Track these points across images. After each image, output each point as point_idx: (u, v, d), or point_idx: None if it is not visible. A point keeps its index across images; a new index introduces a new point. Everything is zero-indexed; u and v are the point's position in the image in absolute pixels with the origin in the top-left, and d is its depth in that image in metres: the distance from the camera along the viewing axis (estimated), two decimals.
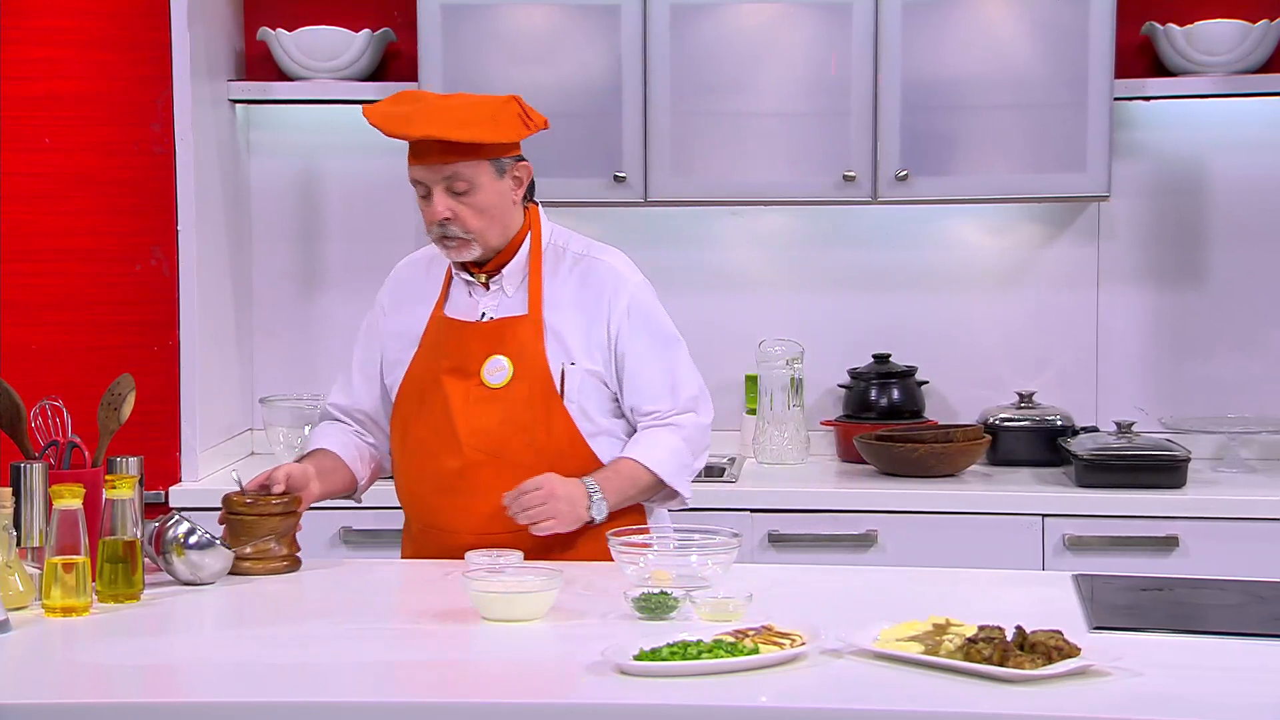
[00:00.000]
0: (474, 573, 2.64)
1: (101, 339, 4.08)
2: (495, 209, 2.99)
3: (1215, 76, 4.17)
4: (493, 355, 3.00)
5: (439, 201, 2.96)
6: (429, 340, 3.06)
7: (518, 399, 2.98)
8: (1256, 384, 4.36)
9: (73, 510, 2.61)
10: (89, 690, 2.33)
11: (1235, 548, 3.79)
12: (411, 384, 3.06)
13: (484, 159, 2.96)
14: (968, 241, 4.44)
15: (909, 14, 4.06)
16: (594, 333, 3.02)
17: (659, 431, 3.04)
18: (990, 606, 2.57)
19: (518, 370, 2.99)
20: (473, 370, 3.00)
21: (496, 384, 2.99)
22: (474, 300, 3.06)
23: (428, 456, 3.02)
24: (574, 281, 3.05)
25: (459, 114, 2.96)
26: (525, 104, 3.03)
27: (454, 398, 2.99)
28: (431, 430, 3.01)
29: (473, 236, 2.98)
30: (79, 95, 4.07)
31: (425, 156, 2.95)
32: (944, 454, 4.05)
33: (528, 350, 3.00)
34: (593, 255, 3.09)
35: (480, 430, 2.98)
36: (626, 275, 3.07)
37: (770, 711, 2.19)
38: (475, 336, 3.02)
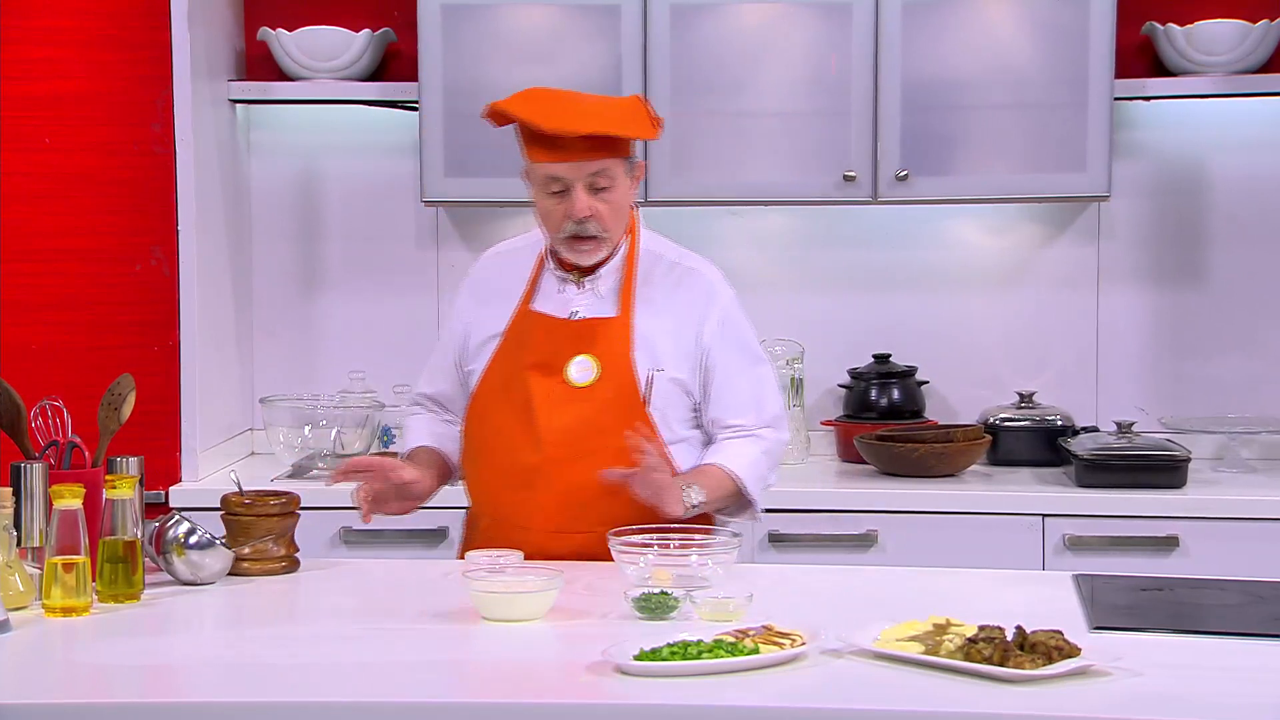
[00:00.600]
0: (474, 572, 2.64)
1: (101, 339, 4.08)
2: (623, 209, 3.01)
3: (1215, 76, 4.17)
4: (579, 355, 2.99)
5: (582, 198, 2.94)
6: (514, 334, 3.04)
7: (602, 400, 2.97)
8: (1257, 384, 4.36)
9: (73, 510, 2.61)
10: (89, 690, 2.33)
11: (1235, 548, 3.79)
12: (493, 377, 3.04)
13: (621, 157, 2.97)
14: (968, 241, 4.44)
15: (909, 14, 4.06)
16: (683, 341, 3.02)
17: (742, 442, 3.03)
18: (990, 606, 2.56)
19: (604, 372, 2.98)
20: (557, 367, 2.99)
21: (581, 383, 2.98)
22: (564, 297, 3.04)
23: (504, 450, 2.99)
24: (667, 288, 3.04)
25: (609, 111, 2.99)
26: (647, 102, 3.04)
27: (536, 393, 2.98)
28: (510, 424, 2.99)
29: (607, 235, 2.99)
30: (79, 95, 4.07)
31: (573, 152, 2.93)
32: (944, 454, 4.05)
33: (615, 352, 2.99)
34: (687, 264, 3.09)
35: (561, 428, 2.96)
36: (720, 288, 3.08)
37: (770, 711, 2.19)
38: (563, 334, 3.00)
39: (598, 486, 2.90)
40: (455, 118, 4.16)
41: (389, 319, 4.51)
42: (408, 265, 4.52)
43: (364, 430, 4.21)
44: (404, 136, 4.40)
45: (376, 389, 4.37)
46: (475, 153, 4.17)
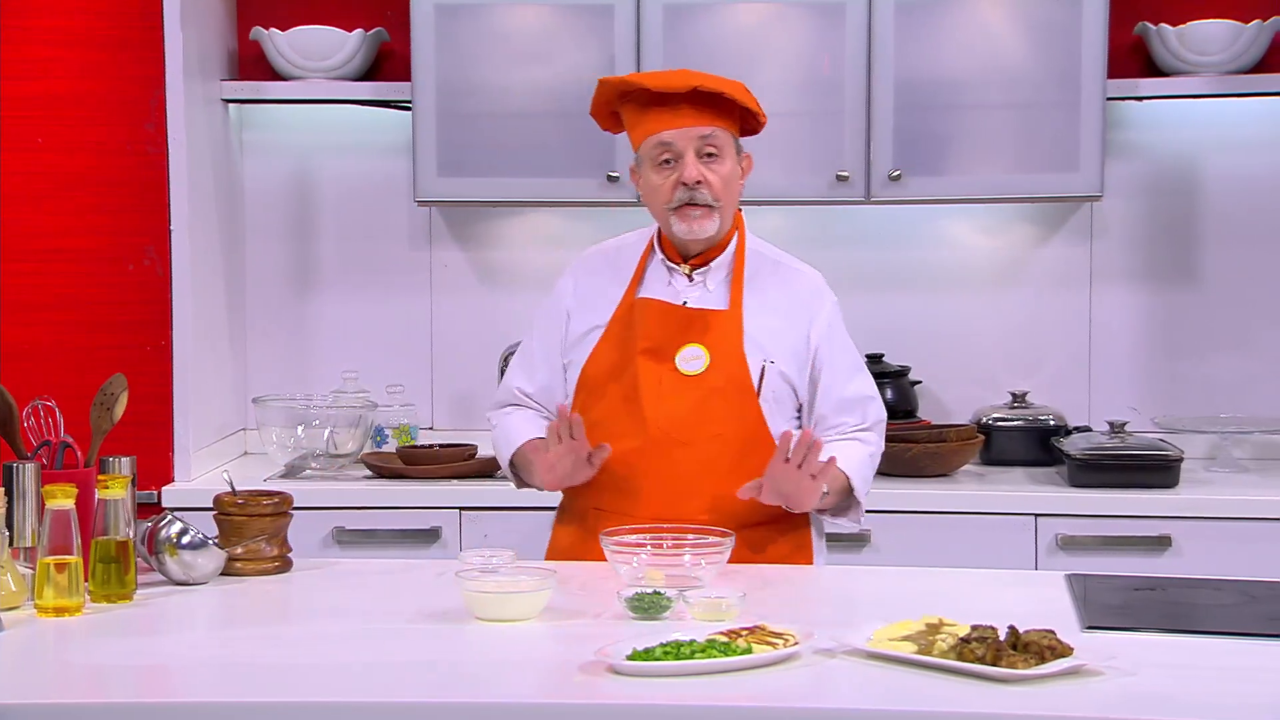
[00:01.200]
0: (467, 572, 2.63)
1: (94, 339, 4.08)
2: (733, 186, 3.01)
3: (1208, 76, 4.17)
4: (689, 343, 2.99)
5: (691, 164, 2.96)
6: (621, 322, 3.03)
7: (712, 389, 2.97)
8: (1249, 384, 4.36)
9: (65, 510, 2.61)
10: (82, 690, 2.32)
11: (1228, 547, 3.79)
12: (599, 363, 3.03)
13: (729, 130, 2.99)
14: (961, 241, 4.44)
15: (902, 14, 4.06)
16: (792, 339, 3.03)
17: (850, 444, 3.03)
18: (983, 606, 2.57)
19: (714, 361, 2.98)
20: (668, 355, 2.99)
21: (690, 371, 2.98)
22: (674, 288, 3.05)
23: (606, 436, 2.97)
24: (774, 288, 3.06)
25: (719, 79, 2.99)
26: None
27: (645, 379, 2.98)
28: (616, 410, 2.99)
29: (718, 205, 2.99)
30: (72, 95, 4.07)
31: (684, 116, 2.95)
32: (937, 454, 4.05)
33: (727, 344, 2.99)
34: (793, 266, 3.12)
35: (668, 415, 2.96)
36: (826, 290, 3.11)
37: (763, 711, 2.19)
38: (675, 321, 3.01)
39: (699, 475, 2.93)
40: (448, 117, 4.16)
41: (382, 319, 4.51)
42: (401, 265, 4.52)
43: (357, 430, 4.21)
44: (397, 136, 4.40)
45: (370, 389, 4.37)
46: (468, 152, 4.17)
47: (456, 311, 4.51)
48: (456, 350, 4.51)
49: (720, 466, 2.96)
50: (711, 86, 2.95)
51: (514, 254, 4.51)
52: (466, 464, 4.12)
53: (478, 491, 4.00)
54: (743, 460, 2.96)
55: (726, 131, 2.99)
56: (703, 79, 2.97)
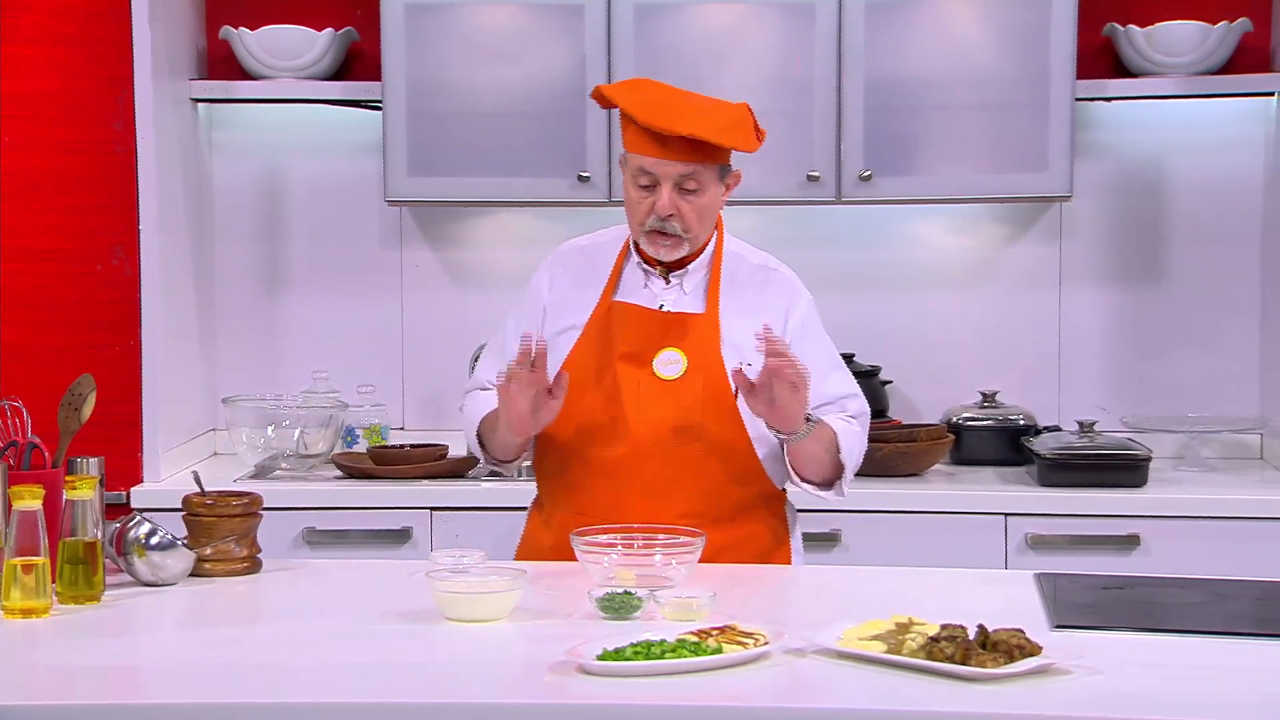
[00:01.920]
0: (437, 572, 2.63)
1: (62, 339, 4.06)
2: (711, 212, 3.00)
3: (1176, 77, 4.19)
4: (667, 347, 2.99)
5: (667, 197, 2.94)
6: (598, 325, 3.02)
7: (691, 394, 2.97)
8: (1217, 383, 4.38)
9: (32, 511, 2.59)
10: (49, 692, 2.31)
11: (1196, 546, 3.81)
12: (576, 366, 3.00)
13: (716, 163, 2.96)
14: (931, 241, 4.45)
15: (872, 14, 4.07)
16: None
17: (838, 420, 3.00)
18: (953, 605, 2.57)
19: (691, 365, 2.98)
20: (646, 359, 2.98)
21: (668, 376, 2.98)
22: (651, 291, 3.04)
23: (588, 442, 2.97)
24: (752, 289, 3.06)
25: (715, 117, 2.94)
26: (753, 113, 3.01)
27: (625, 385, 2.97)
28: (597, 415, 2.97)
29: (688, 236, 2.97)
30: (39, 94, 4.05)
31: (668, 150, 2.91)
32: (907, 453, 4.06)
33: (704, 347, 2.99)
34: (770, 266, 3.12)
35: (651, 420, 2.95)
36: (801, 289, 3.11)
37: (733, 711, 2.20)
38: (652, 325, 3.00)
39: (680, 479, 2.93)
40: (419, 117, 4.15)
41: (353, 319, 4.50)
42: (371, 265, 4.51)
43: (328, 430, 4.20)
44: (367, 136, 4.39)
45: (340, 389, 4.36)
46: (439, 152, 4.16)
47: (427, 311, 4.50)
48: (427, 350, 4.50)
49: (701, 470, 2.96)
50: (702, 135, 2.89)
51: (485, 254, 4.50)
52: (437, 464, 4.12)
53: (449, 492, 3.99)
54: (723, 463, 2.98)
55: (711, 166, 2.96)
56: (696, 125, 2.89)
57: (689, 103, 2.99)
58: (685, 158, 2.92)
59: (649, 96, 2.97)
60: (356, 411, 4.36)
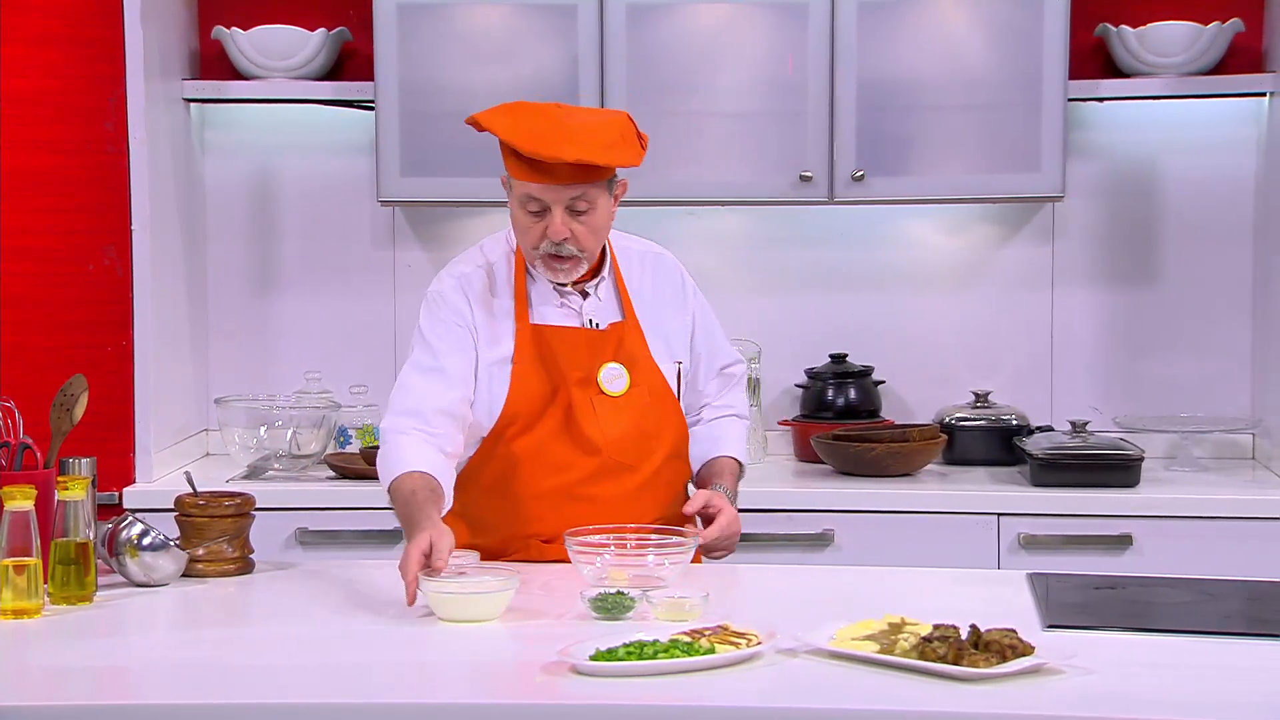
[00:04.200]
0: (430, 573, 2.63)
1: (54, 339, 4.05)
2: (604, 227, 2.97)
3: (1167, 78, 4.20)
4: (606, 363, 2.98)
5: (560, 221, 2.87)
6: (528, 353, 2.95)
7: (641, 406, 2.97)
8: (1209, 383, 4.39)
9: (24, 512, 2.59)
10: (41, 693, 2.31)
11: (1188, 546, 3.82)
12: (524, 396, 2.94)
13: (603, 180, 2.90)
14: (924, 242, 4.45)
15: (865, 15, 4.07)
16: (680, 327, 3.07)
17: (729, 421, 3.14)
18: (945, 605, 2.58)
19: (634, 376, 2.98)
20: (591, 379, 2.97)
21: (615, 391, 2.97)
22: (570, 309, 2.99)
23: (552, 469, 2.94)
24: (648, 280, 3.07)
25: (597, 135, 2.86)
26: (633, 121, 2.98)
27: (580, 409, 2.94)
28: (555, 442, 2.94)
29: (584, 254, 2.93)
30: (31, 93, 4.04)
31: (555, 176, 2.84)
32: (900, 453, 4.07)
33: (639, 355, 2.99)
34: (653, 252, 3.12)
35: (614, 438, 2.94)
36: (676, 262, 3.14)
37: (726, 711, 2.20)
38: (588, 344, 2.97)
39: (646, 493, 2.95)
40: (411, 117, 4.15)
41: (345, 319, 4.50)
42: (364, 265, 4.50)
43: (320, 431, 4.19)
44: (360, 136, 4.39)
45: (332, 389, 4.36)
46: (431, 152, 4.16)
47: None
48: None
49: (663, 480, 2.98)
50: (588, 159, 2.82)
51: None
52: None
53: None
54: (671, 467, 3.01)
55: (599, 183, 2.89)
56: (580, 149, 2.81)
57: (568, 124, 2.88)
58: (572, 180, 2.85)
59: (527, 124, 2.87)
60: (349, 412, 4.35)
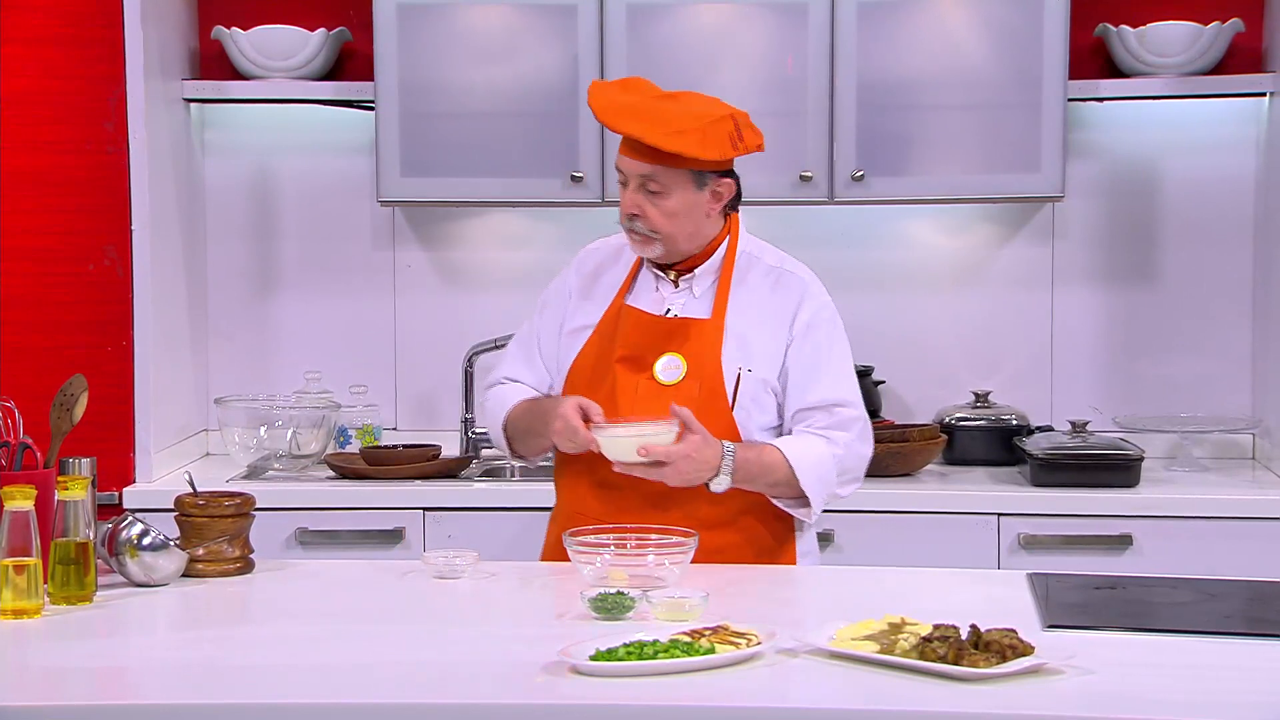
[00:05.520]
0: (593, 423, 2.80)
1: (54, 339, 4.05)
2: (685, 216, 2.99)
3: (1167, 78, 4.20)
4: (668, 352, 3.00)
5: (630, 196, 2.98)
6: (606, 327, 3.05)
7: (688, 399, 2.96)
8: (1209, 383, 4.39)
9: (24, 512, 2.59)
10: (41, 693, 2.31)
11: (1188, 546, 3.82)
12: (582, 368, 3.04)
13: (685, 169, 2.95)
14: (923, 242, 4.45)
15: (864, 15, 4.07)
16: (775, 342, 3.03)
17: (814, 438, 3.01)
18: (945, 605, 2.58)
19: (691, 370, 2.99)
20: (647, 364, 3.00)
21: (668, 381, 2.99)
22: (660, 295, 3.06)
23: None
24: (763, 291, 3.05)
25: (674, 121, 2.94)
26: (743, 123, 3.00)
27: (623, 388, 2.99)
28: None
29: (658, 236, 2.99)
30: (31, 94, 4.04)
31: (631, 151, 2.97)
32: (900, 453, 4.07)
33: (705, 353, 3.00)
34: (786, 268, 3.10)
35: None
36: (815, 291, 3.08)
37: (726, 711, 2.20)
38: (655, 330, 3.02)
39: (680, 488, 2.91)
40: (411, 117, 4.15)
41: (345, 319, 4.50)
42: (364, 265, 4.50)
43: (320, 431, 4.19)
44: (360, 136, 4.39)
45: (332, 389, 4.36)
46: (431, 152, 4.16)
47: (420, 312, 4.50)
48: (420, 351, 4.50)
49: None
50: (641, 137, 2.91)
51: (477, 254, 4.50)
52: (430, 464, 4.11)
53: (441, 492, 3.99)
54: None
55: (673, 169, 2.95)
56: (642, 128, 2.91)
57: (656, 105, 2.99)
58: (643, 158, 2.95)
59: (616, 95, 3.01)
60: (349, 412, 4.35)
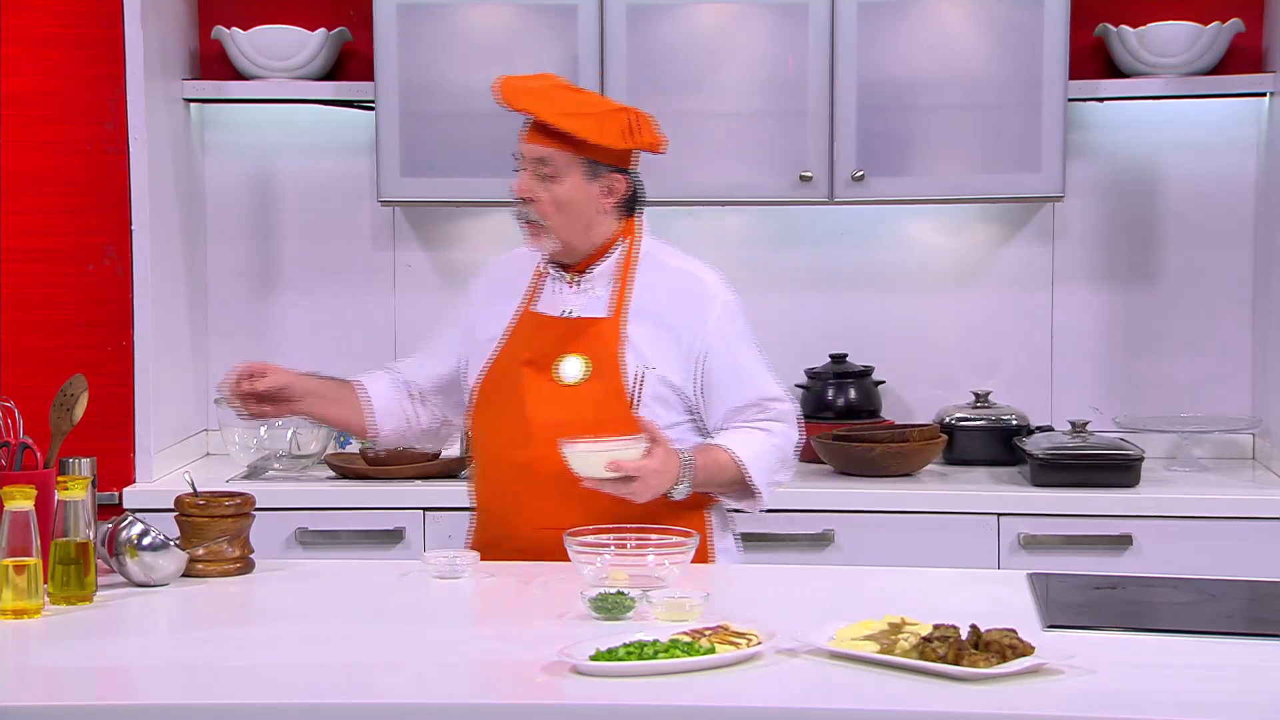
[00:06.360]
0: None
1: (54, 339, 4.05)
2: (575, 207, 3.01)
3: (1167, 78, 4.20)
4: (568, 353, 3.01)
5: (523, 179, 3.02)
6: (514, 334, 3.08)
7: (591, 399, 2.99)
8: (1209, 383, 4.39)
9: (24, 512, 2.59)
10: (41, 693, 2.31)
11: (1188, 546, 3.82)
12: (492, 375, 3.07)
13: (579, 155, 2.98)
14: (924, 242, 4.45)
15: (865, 14, 4.07)
16: (679, 344, 3.03)
17: (754, 432, 3.03)
18: (945, 605, 2.57)
19: (594, 370, 3.00)
20: (547, 365, 3.02)
21: (570, 381, 3.01)
22: (560, 297, 3.08)
23: (500, 448, 3.03)
24: (665, 292, 3.05)
25: (572, 105, 3.01)
26: (643, 121, 3.03)
27: (529, 390, 3.01)
28: (503, 421, 3.03)
29: (547, 226, 3.01)
30: (31, 94, 4.04)
31: (529, 134, 3.02)
32: (900, 453, 4.07)
33: (605, 352, 3.01)
34: (688, 269, 3.11)
35: (551, 424, 2.96)
36: (718, 290, 3.09)
37: (726, 711, 2.20)
38: (554, 331, 3.04)
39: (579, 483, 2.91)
40: (411, 117, 4.15)
41: (345, 319, 4.50)
42: (364, 265, 4.50)
43: (320, 431, 4.19)
44: (360, 136, 4.39)
45: None
46: (431, 152, 4.16)
47: (420, 312, 4.49)
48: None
49: None
50: (535, 113, 2.97)
51: (477, 254, 4.48)
52: (430, 464, 4.11)
53: (441, 492, 3.99)
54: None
55: (568, 155, 2.98)
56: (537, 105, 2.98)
57: (557, 90, 3.06)
58: (538, 140, 3.00)
59: (523, 83, 3.07)
60: None
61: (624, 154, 3.04)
